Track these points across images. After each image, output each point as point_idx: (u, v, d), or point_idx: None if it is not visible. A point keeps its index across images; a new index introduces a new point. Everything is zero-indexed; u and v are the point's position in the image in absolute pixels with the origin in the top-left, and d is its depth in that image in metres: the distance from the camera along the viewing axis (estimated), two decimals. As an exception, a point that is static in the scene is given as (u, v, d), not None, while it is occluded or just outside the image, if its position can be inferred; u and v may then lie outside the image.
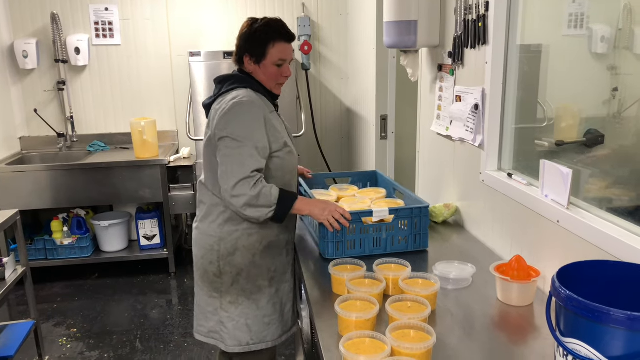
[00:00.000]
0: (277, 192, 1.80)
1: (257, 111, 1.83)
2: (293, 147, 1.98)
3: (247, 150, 1.78)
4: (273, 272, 1.99)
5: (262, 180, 1.79)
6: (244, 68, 1.94)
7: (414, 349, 1.22)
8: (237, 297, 1.95)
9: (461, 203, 2.32)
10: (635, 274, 1.18)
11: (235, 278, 1.94)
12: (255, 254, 1.94)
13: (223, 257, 1.93)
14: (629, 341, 0.99)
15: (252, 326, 1.97)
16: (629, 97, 2.14)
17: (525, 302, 1.58)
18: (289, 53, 1.92)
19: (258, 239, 1.94)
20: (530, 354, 1.34)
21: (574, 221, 1.50)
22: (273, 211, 1.79)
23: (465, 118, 2.14)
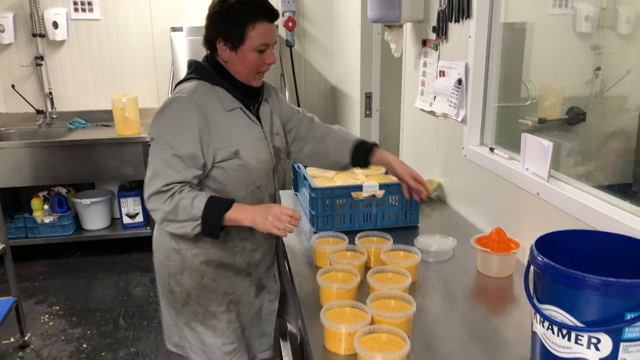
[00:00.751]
0: (203, 202, 1.47)
1: (191, 112, 1.51)
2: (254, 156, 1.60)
3: (166, 158, 1.49)
4: (232, 294, 1.69)
5: (180, 192, 1.48)
6: (217, 56, 1.60)
7: (394, 318, 1.23)
8: (189, 320, 1.70)
9: (444, 179, 2.33)
10: (611, 242, 1.20)
11: (185, 300, 1.68)
12: (203, 277, 1.65)
13: (172, 275, 1.67)
14: (602, 306, 1.01)
15: (209, 353, 1.70)
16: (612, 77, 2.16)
17: (505, 273, 1.60)
18: (272, 35, 1.57)
19: (204, 259, 1.64)
20: (508, 323, 1.36)
21: (554, 193, 1.51)
22: (199, 225, 1.48)
23: (449, 93, 2.14)
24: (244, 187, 1.61)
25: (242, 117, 1.61)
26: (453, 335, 1.31)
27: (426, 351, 1.24)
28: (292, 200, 2.34)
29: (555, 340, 1.08)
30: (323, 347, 1.26)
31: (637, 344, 1.01)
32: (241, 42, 1.54)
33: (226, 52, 1.57)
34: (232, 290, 1.70)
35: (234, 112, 1.60)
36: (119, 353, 2.85)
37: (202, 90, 1.57)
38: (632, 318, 0.99)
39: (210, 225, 1.48)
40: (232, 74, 1.60)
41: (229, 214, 1.49)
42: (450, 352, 1.24)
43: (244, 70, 1.58)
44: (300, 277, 1.63)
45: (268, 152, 1.65)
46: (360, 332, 1.18)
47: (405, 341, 1.15)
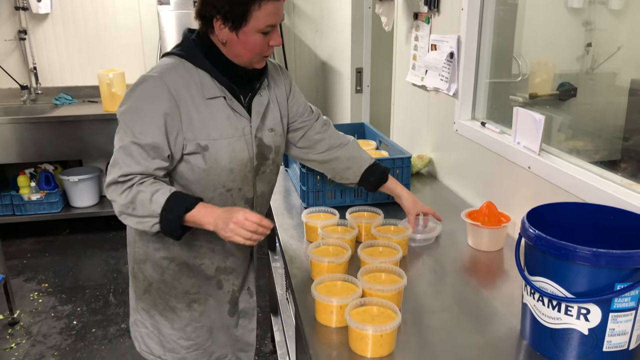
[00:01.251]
0: (164, 198, 1.28)
1: (160, 96, 1.32)
2: (227, 154, 1.41)
3: (126, 145, 1.31)
4: (194, 294, 1.56)
5: (140, 183, 1.31)
6: (212, 35, 1.39)
7: (385, 291, 1.23)
8: (149, 307, 1.59)
9: (434, 154, 2.32)
10: (601, 214, 1.20)
11: (147, 288, 1.57)
12: (164, 271, 1.53)
13: (136, 262, 1.57)
14: (592, 277, 1.01)
15: (166, 343, 1.60)
16: (602, 53, 2.15)
17: (495, 247, 1.60)
18: (279, 14, 1.35)
19: (166, 256, 1.51)
20: (498, 295, 1.37)
21: (545, 167, 1.51)
22: (157, 224, 1.30)
23: (440, 67, 2.12)
24: (211, 188, 1.44)
25: (223, 108, 1.40)
26: (443, 308, 1.31)
27: (417, 323, 1.25)
28: (283, 177, 2.32)
29: (545, 312, 1.09)
30: (314, 320, 1.26)
31: (626, 314, 1.02)
32: (244, 22, 1.32)
33: (224, 32, 1.34)
34: (196, 290, 1.56)
35: (214, 101, 1.39)
36: (109, 329, 2.85)
37: (180, 71, 1.37)
38: (622, 289, 1.00)
39: (169, 225, 1.30)
40: (226, 57, 1.39)
41: (190, 214, 1.30)
42: (440, 324, 1.24)
43: (245, 55, 1.37)
44: (291, 252, 1.62)
45: (248, 151, 1.44)
46: (351, 304, 1.18)
47: (396, 313, 1.15)
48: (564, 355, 1.09)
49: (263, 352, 2.68)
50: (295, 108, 1.63)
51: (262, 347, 2.72)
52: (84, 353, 2.67)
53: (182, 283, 1.54)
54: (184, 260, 1.52)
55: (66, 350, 2.69)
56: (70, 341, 2.76)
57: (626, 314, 1.02)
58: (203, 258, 1.53)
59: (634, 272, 0.99)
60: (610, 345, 1.05)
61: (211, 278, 1.56)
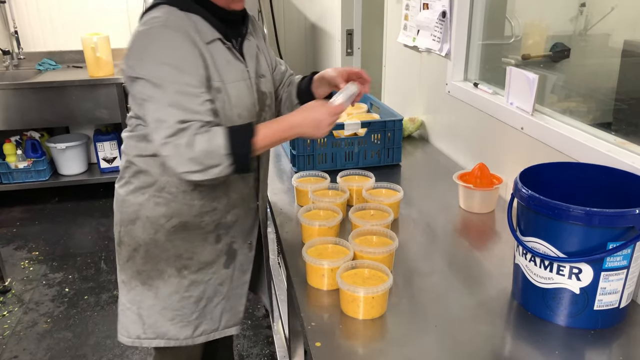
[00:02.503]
0: (222, 136, 1.22)
1: (177, 38, 1.26)
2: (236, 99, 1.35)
3: (167, 96, 1.23)
4: (186, 260, 1.46)
5: (196, 130, 1.22)
6: None
7: (376, 253, 1.23)
8: (130, 278, 1.49)
9: (426, 116, 2.29)
10: (594, 174, 1.19)
11: (131, 253, 1.47)
12: (158, 230, 1.43)
13: (124, 223, 1.47)
14: (585, 237, 1.01)
15: (146, 318, 1.49)
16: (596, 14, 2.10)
17: (487, 209, 1.60)
18: None
19: (165, 212, 1.41)
20: (490, 257, 1.37)
21: (538, 127, 1.49)
22: (231, 165, 1.24)
23: (433, 27, 2.07)
24: None
25: (223, 52, 1.34)
26: (435, 270, 1.31)
27: (408, 285, 1.24)
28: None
29: (537, 272, 1.09)
30: (306, 283, 1.26)
31: (617, 272, 1.02)
32: None
33: None
34: (190, 256, 1.45)
35: (213, 45, 1.32)
36: (101, 296, 2.85)
37: (178, 16, 1.29)
38: (614, 248, 0.99)
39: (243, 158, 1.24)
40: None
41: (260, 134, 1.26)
42: (432, 286, 1.24)
43: None
44: (282, 217, 1.61)
45: (251, 95, 1.39)
46: (342, 267, 1.17)
47: (388, 275, 1.14)
48: (554, 315, 1.09)
49: (256, 316, 2.70)
50: (272, 58, 1.59)
51: (254, 311, 2.74)
52: (77, 320, 2.67)
53: (175, 245, 1.44)
54: (183, 219, 1.42)
55: (59, 317, 2.69)
56: (62, 308, 2.76)
57: (617, 272, 1.02)
58: (203, 216, 1.43)
59: (626, 231, 0.98)
60: (601, 304, 1.05)
61: (209, 234, 1.45)
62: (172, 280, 1.47)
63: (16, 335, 2.57)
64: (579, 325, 1.08)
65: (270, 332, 2.49)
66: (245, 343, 2.51)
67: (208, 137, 1.22)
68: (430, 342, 1.06)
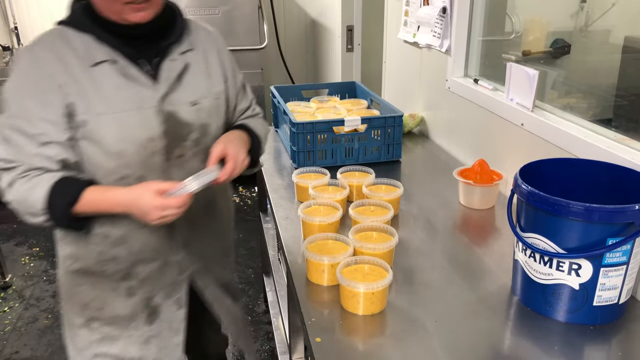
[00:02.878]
0: (44, 189, 1.11)
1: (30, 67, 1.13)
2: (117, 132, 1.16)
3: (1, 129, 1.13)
4: (95, 310, 1.31)
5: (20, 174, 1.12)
6: None
7: (376, 249, 1.23)
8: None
9: (426, 113, 2.29)
10: (594, 170, 1.19)
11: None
12: (66, 271, 1.32)
13: None
14: (585, 232, 1.01)
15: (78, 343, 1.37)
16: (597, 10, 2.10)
17: (487, 205, 1.60)
18: None
19: (70, 253, 1.29)
20: (490, 253, 1.37)
21: (538, 123, 1.49)
22: (48, 221, 1.14)
23: (433, 23, 2.06)
24: (100, 175, 1.19)
25: (111, 75, 1.15)
26: (435, 265, 1.31)
27: (408, 281, 1.25)
28: (273, 137, 2.29)
29: (536, 268, 1.09)
30: (306, 279, 1.26)
31: (616, 268, 1.03)
32: None
33: None
34: (100, 306, 1.31)
35: (99, 68, 1.15)
36: (102, 292, 2.86)
37: (53, 40, 1.15)
38: (614, 243, 0.99)
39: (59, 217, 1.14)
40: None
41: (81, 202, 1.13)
42: (431, 282, 1.25)
43: (101, 4, 1.13)
44: (281, 213, 1.61)
45: (149, 127, 1.18)
46: (342, 263, 1.17)
47: (388, 271, 1.14)
48: (554, 310, 1.09)
49: (256, 312, 2.71)
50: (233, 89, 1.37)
51: (255, 307, 2.74)
52: (78, 315, 2.68)
53: (83, 291, 1.30)
54: (85, 263, 1.27)
55: (59, 313, 2.70)
56: (63, 304, 2.77)
57: (617, 268, 1.03)
58: (106, 264, 1.27)
59: (626, 227, 0.99)
60: (600, 300, 1.05)
61: (118, 283, 1.29)
62: (82, 331, 1.34)
63: (17, 331, 2.58)
64: (579, 321, 1.08)
65: (270, 327, 2.49)
66: (245, 339, 2.51)
67: (30, 186, 1.11)
68: (430, 338, 1.06)
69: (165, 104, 1.20)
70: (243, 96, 1.44)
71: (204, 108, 1.27)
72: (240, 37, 3.67)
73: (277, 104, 2.20)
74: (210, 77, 1.30)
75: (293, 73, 4.43)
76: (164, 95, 1.20)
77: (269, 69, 4.34)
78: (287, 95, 2.34)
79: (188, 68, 1.25)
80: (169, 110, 1.21)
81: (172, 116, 1.21)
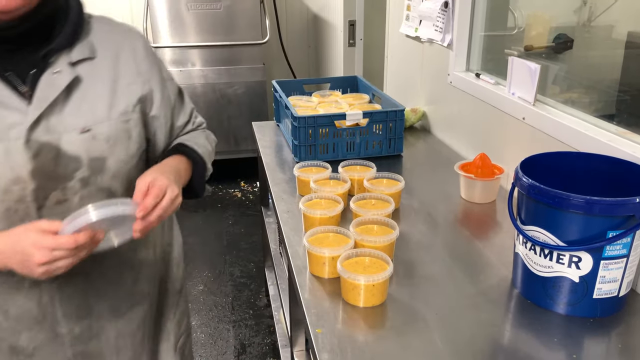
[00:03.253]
0: None
1: None
2: None
3: None
4: None
5: None
6: None
7: (377, 242, 1.23)
8: None
9: (428, 107, 2.29)
10: (595, 163, 1.19)
11: None
12: None
13: None
14: (585, 225, 1.01)
15: None
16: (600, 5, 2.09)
17: (488, 199, 1.60)
18: None
19: None
20: (490, 246, 1.37)
21: (540, 117, 1.49)
22: None
23: (435, 17, 2.06)
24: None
25: None
26: (435, 259, 1.31)
27: (409, 274, 1.25)
28: (274, 131, 2.29)
29: (537, 260, 1.09)
30: (307, 272, 1.27)
31: (617, 261, 1.03)
32: None
33: None
34: None
35: None
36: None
37: None
38: (614, 236, 0.99)
39: None
40: None
41: None
42: (432, 274, 1.25)
43: None
44: (283, 206, 1.61)
45: (12, 165, 0.90)
46: (343, 255, 1.17)
47: (388, 264, 1.15)
48: (554, 303, 1.10)
49: (258, 306, 2.72)
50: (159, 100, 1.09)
51: (256, 301, 2.75)
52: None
53: None
54: None
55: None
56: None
57: (617, 261, 1.03)
58: None
59: (627, 220, 0.99)
60: (600, 293, 1.06)
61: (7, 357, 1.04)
62: None
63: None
64: (578, 313, 1.08)
65: (271, 321, 2.50)
66: (247, 332, 2.53)
67: None
68: (430, 330, 1.07)
69: (37, 133, 0.91)
70: (180, 109, 1.18)
71: (101, 136, 0.97)
72: (242, 31, 3.67)
73: (279, 98, 2.20)
74: (116, 93, 1.00)
75: (295, 68, 4.43)
76: (36, 121, 0.90)
77: (271, 63, 4.34)
78: (289, 90, 2.34)
79: (79, 83, 0.95)
80: (44, 141, 0.91)
81: (49, 148, 0.92)
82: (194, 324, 2.59)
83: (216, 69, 3.75)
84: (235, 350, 2.41)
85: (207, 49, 3.69)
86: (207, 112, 3.87)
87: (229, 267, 3.05)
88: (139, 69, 1.06)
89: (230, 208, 3.69)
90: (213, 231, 3.41)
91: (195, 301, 2.76)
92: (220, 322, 2.61)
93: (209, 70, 3.74)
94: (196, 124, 1.24)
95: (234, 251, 3.21)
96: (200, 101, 3.83)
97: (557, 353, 0.99)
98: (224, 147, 3.97)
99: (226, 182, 4.08)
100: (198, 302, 2.76)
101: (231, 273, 3.00)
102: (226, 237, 3.36)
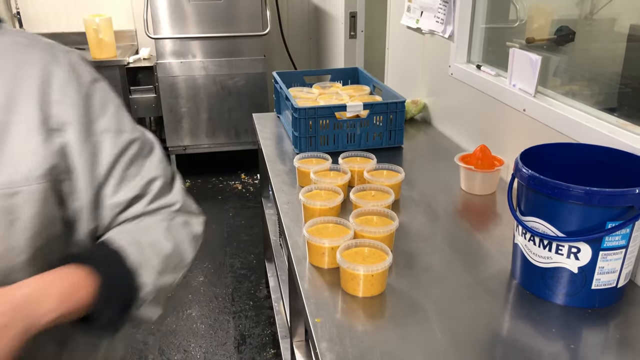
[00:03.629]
0: None
1: None
2: None
3: None
4: None
5: None
6: None
7: (377, 233, 1.23)
8: None
9: (429, 99, 2.28)
10: (594, 154, 1.19)
11: None
12: None
13: None
14: (584, 216, 1.01)
15: None
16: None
17: (488, 190, 1.60)
18: None
19: None
20: (490, 237, 1.38)
21: (540, 109, 1.48)
22: None
23: (436, 8, 2.05)
24: None
25: None
26: (435, 249, 1.32)
27: (408, 264, 1.25)
28: (275, 123, 2.29)
29: (536, 251, 1.09)
30: (307, 262, 1.27)
31: (616, 252, 1.03)
32: None
33: None
34: None
35: None
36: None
37: None
38: (613, 227, 1.00)
39: None
40: None
41: None
42: (432, 265, 1.25)
43: None
44: (283, 197, 1.62)
45: None
46: (342, 246, 1.18)
47: (388, 254, 1.15)
48: (553, 294, 1.10)
49: (258, 297, 2.73)
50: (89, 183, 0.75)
51: (257, 292, 2.76)
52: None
53: None
54: None
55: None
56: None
57: (616, 252, 1.03)
58: None
59: (626, 211, 0.99)
60: (599, 283, 1.06)
61: None
62: None
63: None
64: (577, 304, 1.08)
65: (272, 312, 2.51)
66: (247, 324, 2.54)
67: None
68: (429, 320, 1.07)
69: None
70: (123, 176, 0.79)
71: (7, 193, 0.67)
72: (243, 23, 3.66)
73: (280, 89, 2.20)
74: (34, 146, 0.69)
75: (296, 59, 4.42)
76: None
77: (272, 55, 4.33)
78: (289, 81, 2.34)
79: None
80: None
81: None
82: (194, 315, 2.60)
83: (217, 61, 3.74)
84: (235, 341, 2.42)
85: (208, 41, 3.68)
86: (207, 104, 3.87)
87: (230, 259, 3.06)
88: (47, 113, 0.71)
89: (230, 200, 3.70)
90: (213, 223, 3.42)
91: (196, 292, 2.77)
92: (220, 313, 2.62)
93: (210, 62, 3.74)
94: (159, 204, 0.83)
95: (235, 243, 3.22)
96: (201, 93, 3.82)
97: (555, 343, 1.00)
98: (224, 139, 3.97)
99: (227, 174, 4.08)
100: (198, 293, 2.77)
101: (231, 264, 3.01)
102: (227, 228, 3.37)
